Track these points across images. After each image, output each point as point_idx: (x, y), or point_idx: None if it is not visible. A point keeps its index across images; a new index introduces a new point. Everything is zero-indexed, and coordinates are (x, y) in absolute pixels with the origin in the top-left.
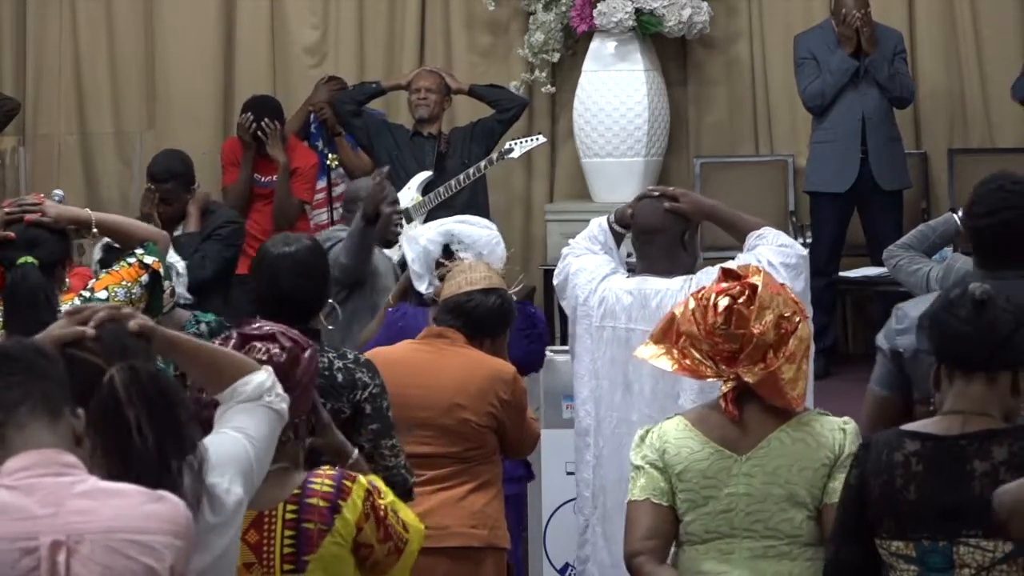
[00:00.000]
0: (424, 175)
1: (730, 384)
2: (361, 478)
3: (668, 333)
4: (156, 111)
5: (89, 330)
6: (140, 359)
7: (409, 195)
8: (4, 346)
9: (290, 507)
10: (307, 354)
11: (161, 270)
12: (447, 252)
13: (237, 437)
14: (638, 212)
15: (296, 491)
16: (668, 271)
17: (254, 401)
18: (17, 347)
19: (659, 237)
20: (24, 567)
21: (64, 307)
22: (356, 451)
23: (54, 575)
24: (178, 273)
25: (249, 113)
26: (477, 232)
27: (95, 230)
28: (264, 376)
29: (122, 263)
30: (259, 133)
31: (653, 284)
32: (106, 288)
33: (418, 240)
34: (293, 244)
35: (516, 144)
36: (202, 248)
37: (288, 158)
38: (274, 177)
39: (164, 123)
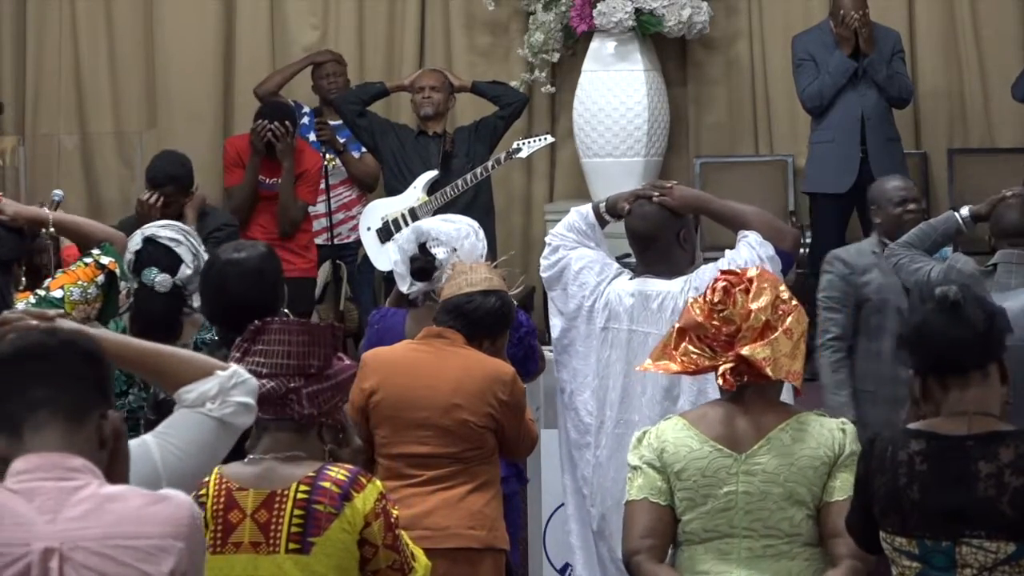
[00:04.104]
0: (430, 174)
1: (728, 365)
2: (378, 481)
3: (668, 348)
4: (156, 111)
5: None
6: None
7: (415, 194)
8: (42, 344)
9: (303, 487)
10: None
11: (117, 271)
12: (423, 250)
13: (147, 444)
14: (632, 220)
15: (311, 474)
16: (668, 272)
17: (194, 408)
18: (54, 345)
19: (656, 243)
20: (13, 573)
21: (19, 305)
22: None
23: None
24: None
25: (264, 120)
26: (449, 227)
27: (51, 229)
28: (211, 384)
29: (79, 263)
30: (272, 138)
31: (654, 286)
32: (62, 287)
33: (397, 241)
34: (244, 251)
35: (524, 144)
36: None
37: (294, 161)
38: (279, 180)
39: (164, 123)
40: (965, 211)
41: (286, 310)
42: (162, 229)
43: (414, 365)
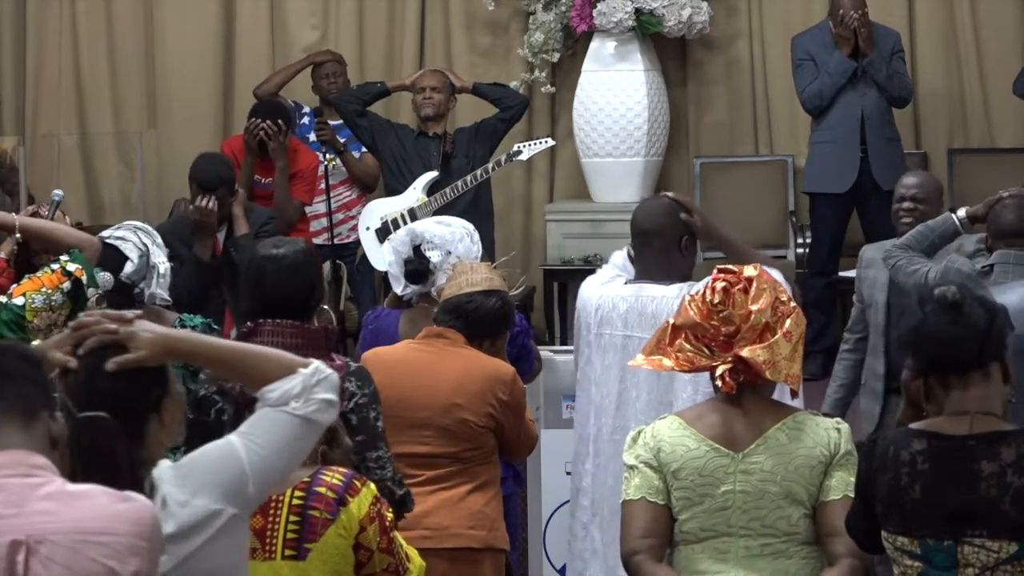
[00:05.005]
0: (430, 175)
1: (727, 365)
2: (372, 485)
3: (661, 343)
4: (156, 111)
5: (72, 363)
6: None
7: (415, 195)
8: None
9: (298, 494)
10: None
11: (84, 277)
12: (417, 253)
13: (233, 444)
14: (637, 214)
15: (306, 479)
16: (664, 276)
17: (277, 407)
18: None
19: (656, 240)
20: None
21: None
22: None
23: (12, 575)
24: (160, 275)
25: (256, 118)
26: (444, 230)
27: (18, 235)
28: (294, 382)
29: (45, 269)
30: (264, 136)
31: (650, 291)
32: (24, 295)
33: (391, 242)
34: (283, 247)
35: (525, 147)
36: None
37: (289, 160)
38: (274, 179)
39: (164, 123)
40: (962, 212)
41: (325, 307)
42: (114, 229)
43: (414, 365)
